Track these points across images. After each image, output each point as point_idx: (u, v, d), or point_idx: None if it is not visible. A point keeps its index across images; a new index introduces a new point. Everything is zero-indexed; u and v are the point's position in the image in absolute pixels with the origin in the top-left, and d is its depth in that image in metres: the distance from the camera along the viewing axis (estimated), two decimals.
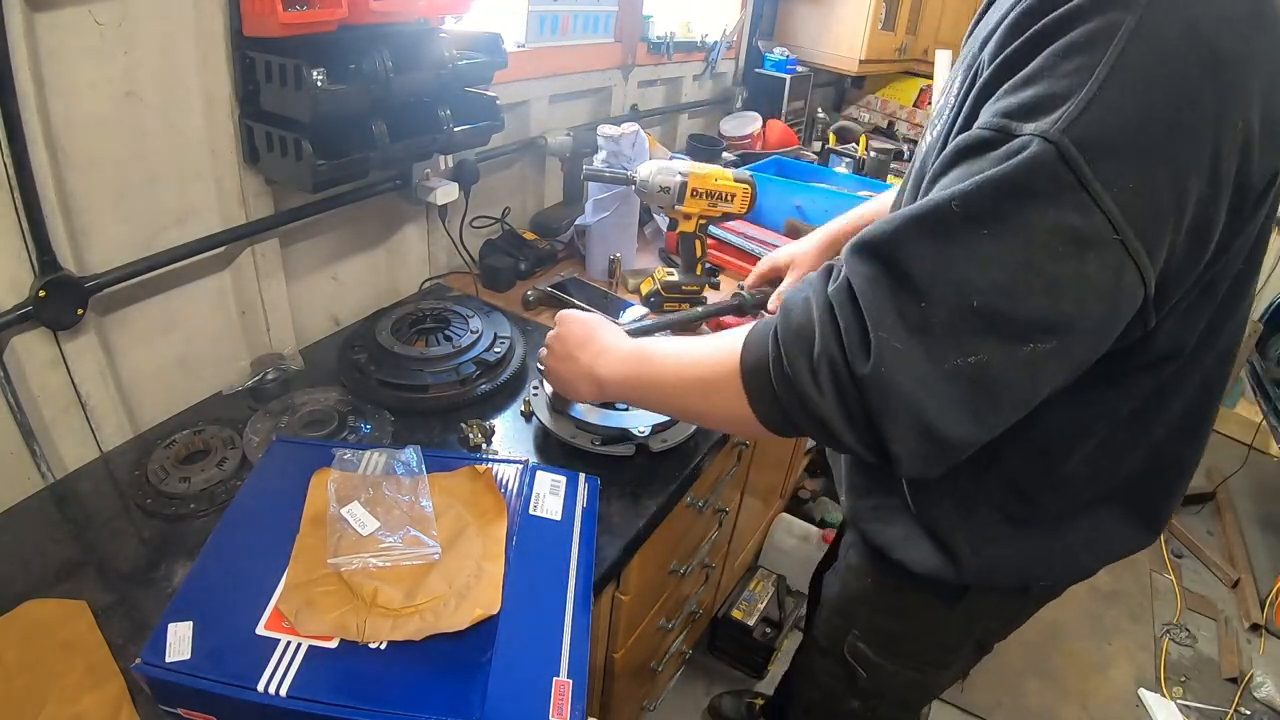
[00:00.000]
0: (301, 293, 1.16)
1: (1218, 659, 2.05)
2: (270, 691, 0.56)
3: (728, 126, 2.18)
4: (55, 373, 0.84)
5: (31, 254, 0.78)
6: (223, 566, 0.66)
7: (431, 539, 0.68)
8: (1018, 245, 0.46)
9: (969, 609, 0.81)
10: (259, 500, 0.74)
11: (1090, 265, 0.46)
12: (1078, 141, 0.43)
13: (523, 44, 1.46)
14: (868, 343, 0.48)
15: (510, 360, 1.10)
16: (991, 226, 0.46)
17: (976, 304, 0.47)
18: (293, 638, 0.60)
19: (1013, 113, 0.47)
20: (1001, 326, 0.47)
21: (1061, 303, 0.47)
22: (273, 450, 0.81)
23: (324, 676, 0.57)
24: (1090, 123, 0.43)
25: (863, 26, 2.26)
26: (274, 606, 0.62)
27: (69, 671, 0.63)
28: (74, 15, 0.76)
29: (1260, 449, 2.82)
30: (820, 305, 0.52)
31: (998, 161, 0.46)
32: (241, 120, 0.93)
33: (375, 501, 0.71)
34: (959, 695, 1.81)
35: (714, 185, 1.24)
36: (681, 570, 1.21)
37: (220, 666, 0.57)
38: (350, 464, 0.75)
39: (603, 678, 1.14)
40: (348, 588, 0.64)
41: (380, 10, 0.88)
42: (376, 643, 0.60)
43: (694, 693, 1.75)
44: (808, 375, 0.51)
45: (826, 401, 0.50)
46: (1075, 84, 0.44)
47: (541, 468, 0.81)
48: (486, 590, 0.65)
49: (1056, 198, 0.45)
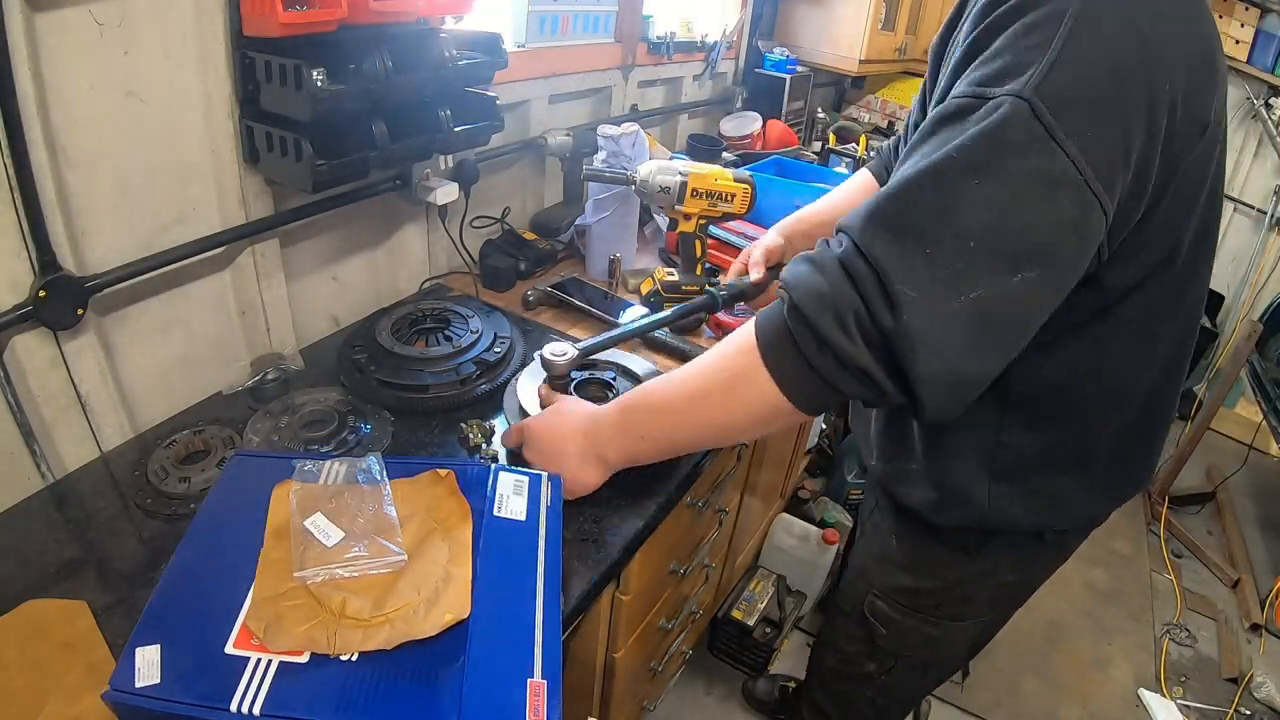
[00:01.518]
0: (301, 293, 1.16)
1: (1218, 659, 2.05)
2: (243, 711, 0.55)
3: (728, 126, 2.18)
4: (55, 373, 0.84)
5: (31, 254, 0.78)
6: (187, 586, 0.65)
7: (397, 546, 0.67)
8: (1002, 190, 0.52)
9: (986, 559, 0.86)
10: (220, 517, 0.72)
11: (1062, 203, 0.54)
12: (1044, 98, 0.51)
13: (523, 44, 1.46)
14: (887, 296, 0.53)
15: (510, 360, 1.10)
16: (979, 176, 0.52)
17: (973, 245, 0.52)
18: (263, 654, 0.59)
19: (986, 81, 0.54)
20: (995, 262, 0.53)
21: (1041, 235, 0.54)
22: (231, 465, 0.79)
23: (297, 692, 0.57)
24: (1052, 83, 0.51)
25: (863, 27, 2.26)
26: (242, 623, 0.61)
27: (69, 672, 0.63)
28: (74, 15, 0.76)
29: (1260, 449, 2.82)
30: (832, 270, 0.55)
31: (978, 121, 0.53)
32: (241, 120, 0.93)
33: (339, 511, 0.70)
34: (959, 695, 1.81)
35: (714, 185, 1.24)
36: (681, 570, 1.21)
37: (191, 689, 0.56)
38: (311, 475, 0.74)
39: (603, 678, 1.14)
40: (315, 600, 0.63)
41: (380, 10, 0.88)
42: (348, 654, 0.59)
43: (694, 693, 1.75)
44: (839, 333, 0.54)
45: (862, 351, 0.54)
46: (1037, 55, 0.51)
47: (504, 468, 0.78)
48: (456, 595, 0.64)
49: (1029, 146, 0.52)
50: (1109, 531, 2.46)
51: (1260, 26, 2.74)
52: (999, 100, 0.52)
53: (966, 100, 0.54)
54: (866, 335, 0.54)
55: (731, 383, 0.61)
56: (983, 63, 0.55)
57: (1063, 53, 0.51)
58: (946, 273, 0.52)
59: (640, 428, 0.70)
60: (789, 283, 0.57)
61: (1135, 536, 2.49)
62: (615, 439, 0.72)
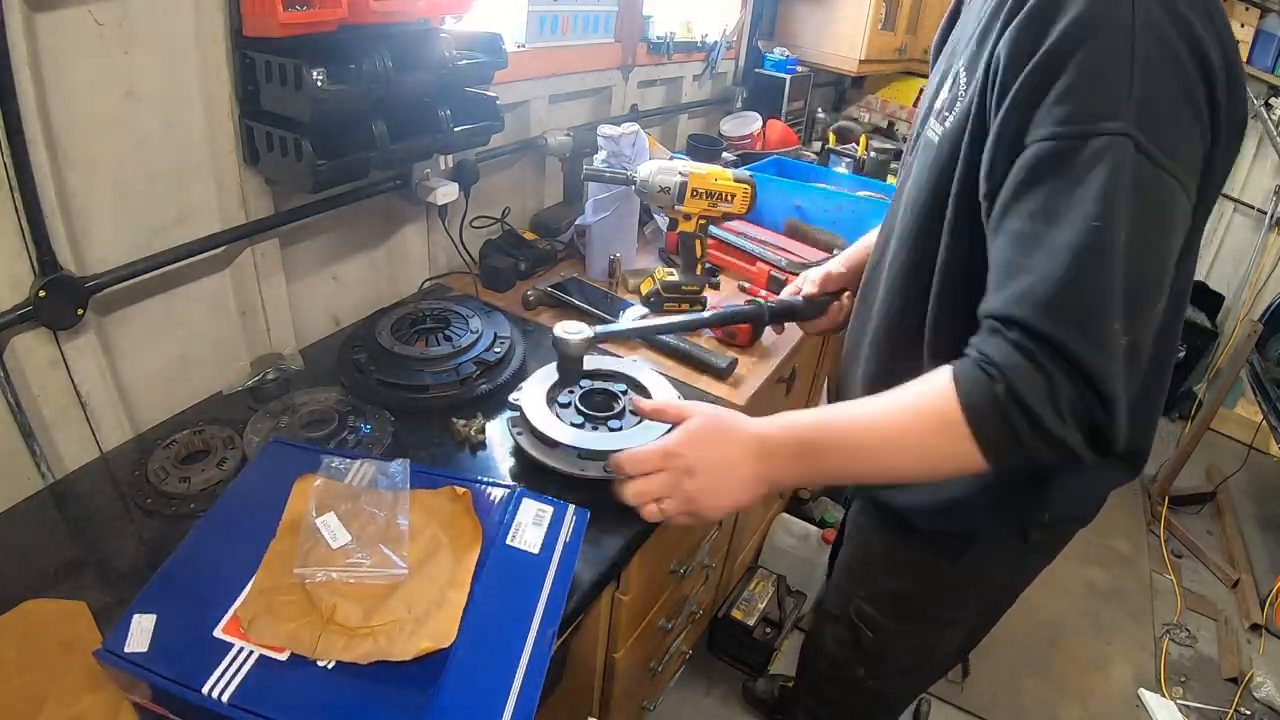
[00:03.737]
0: (301, 293, 1.16)
1: (1218, 659, 2.05)
2: (213, 696, 0.56)
3: (728, 126, 2.18)
4: (55, 373, 0.84)
5: (31, 254, 0.78)
6: (197, 564, 0.66)
7: (401, 559, 0.67)
8: (1143, 238, 0.55)
9: (971, 562, 0.86)
10: (244, 501, 0.73)
11: (1178, 228, 0.58)
12: (1142, 129, 0.53)
13: (523, 44, 1.46)
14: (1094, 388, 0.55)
15: (510, 360, 1.10)
16: (1125, 231, 0.54)
17: (1138, 302, 0.56)
18: (246, 644, 0.59)
19: (1076, 119, 0.55)
20: (1148, 304, 0.57)
21: (1169, 261, 0.58)
22: (267, 451, 0.80)
23: (268, 688, 0.57)
24: (1142, 111, 0.53)
25: (863, 26, 2.26)
26: (235, 611, 0.61)
27: (68, 672, 0.63)
28: (74, 15, 0.76)
29: (1260, 449, 2.82)
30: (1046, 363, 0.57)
31: (1089, 167, 0.54)
32: (241, 120, 0.93)
33: (353, 514, 0.70)
34: (959, 695, 1.81)
35: (714, 185, 1.24)
36: (681, 570, 1.21)
37: (171, 663, 0.57)
38: (338, 472, 0.74)
39: (603, 678, 1.14)
40: (308, 600, 0.63)
41: (380, 10, 0.88)
42: (326, 660, 0.59)
43: (694, 693, 1.75)
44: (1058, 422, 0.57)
45: (1073, 433, 0.57)
46: (1122, 82, 0.53)
47: (529, 494, 0.76)
48: (443, 620, 0.63)
49: (1148, 182, 0.54)
50: (1109, 531, 2.46)
51: (1260, 26, 2.74)
52: (1106, 143, 0.53)
53: (1065, 144, 0.56)
54: (1079, 420, 0.57)
55: (931, 440, 0.63)
56: (1062, 97, 0.56)
57: (1145, 74, 0.53)
58: (1127, 340, 0.55)
59: (822, 464, 0.70)
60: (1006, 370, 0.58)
61: (1135, 536, 2.49)
62: (792, 470, 0.71)
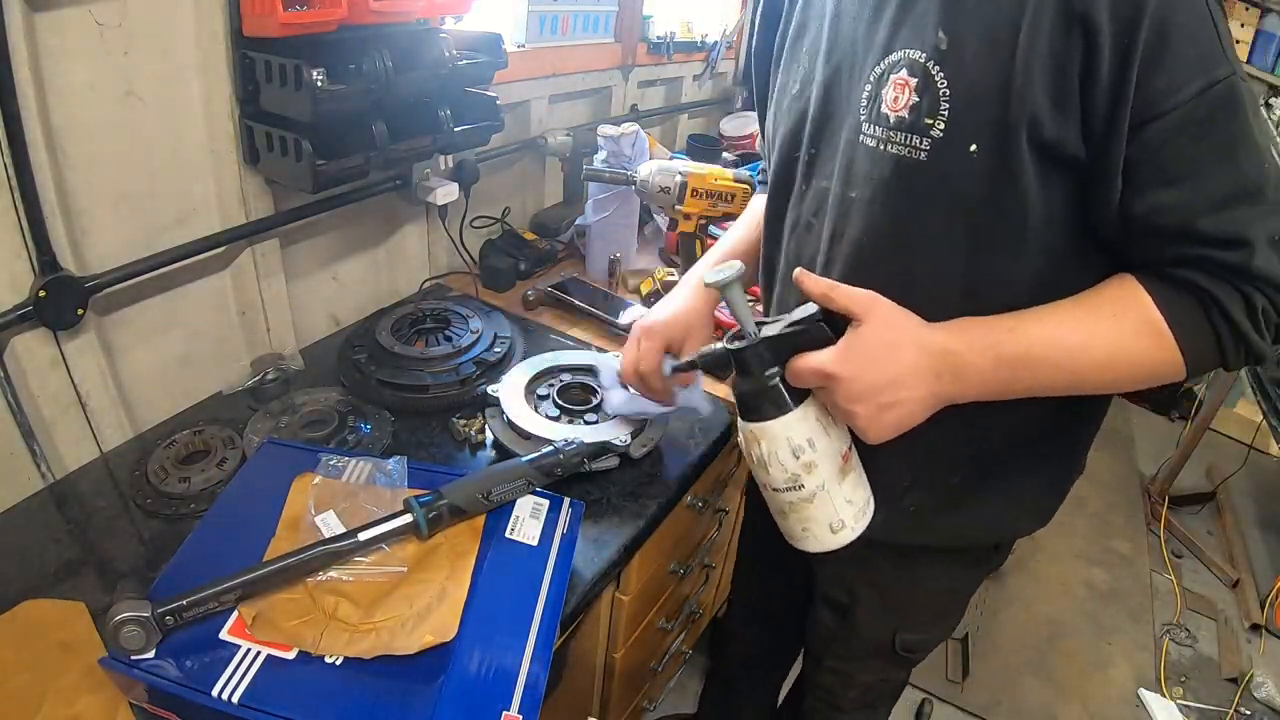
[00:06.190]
0: (301, 293, 1.16)
1: (1218, 659, 2.05)
2: (224, 698, 0.56)
3: (728, 127, 2.18)
4: (55, 373, 0.84)
5: (31, 254, 0.78)
6: (199, 565, 0.65)
7: (400, 557, 0.67)
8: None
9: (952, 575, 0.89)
10: (243, 501, 0.73)
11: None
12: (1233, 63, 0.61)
13: (523, 44, 1.46)
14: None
15: (510, 360, 1.10)
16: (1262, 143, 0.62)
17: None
18: (253, 645, 0.60)
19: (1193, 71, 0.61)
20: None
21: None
22: (263, 450, 0.80)
23: (277, 687, 0.57)
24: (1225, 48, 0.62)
25: None
26: (239, 612, 0.62)
27: (66, 672, 0.63)
28: (74, 15, 0.76)
29: (1260, 449, 2.82)
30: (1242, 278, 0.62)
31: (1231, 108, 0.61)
32: (241, 120, 0.93)
33: (352, 512, 0.70)
34: (959, 695, 1.81)
35: (714, 185, 1.24)
36: (681, 570, 1.21)
37: (180, 667, 0.57)
38: (335, 470, 0.74)
39: (603, 678, 1.14)
40: (310, 598, 0.63)
41: (380, 10, 0.88)
42: (333, 657, 0.60)
43: (694, 693, 1.75)
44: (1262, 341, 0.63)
45: (1268, 344, 0.64)
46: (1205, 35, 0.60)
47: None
48: (445, 615, 0.64)
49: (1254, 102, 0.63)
50: (1109, 531, 2.46)
51: (1260, 26, 2.74)
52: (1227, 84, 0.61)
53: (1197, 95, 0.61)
54: (1273, 330, 0.64)
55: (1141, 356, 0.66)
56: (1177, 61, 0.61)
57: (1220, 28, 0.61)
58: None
59: (1020, 380, 0.66)
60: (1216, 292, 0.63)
61: (1135, 536, 2.48)
62: (981, 389, 0.66)
